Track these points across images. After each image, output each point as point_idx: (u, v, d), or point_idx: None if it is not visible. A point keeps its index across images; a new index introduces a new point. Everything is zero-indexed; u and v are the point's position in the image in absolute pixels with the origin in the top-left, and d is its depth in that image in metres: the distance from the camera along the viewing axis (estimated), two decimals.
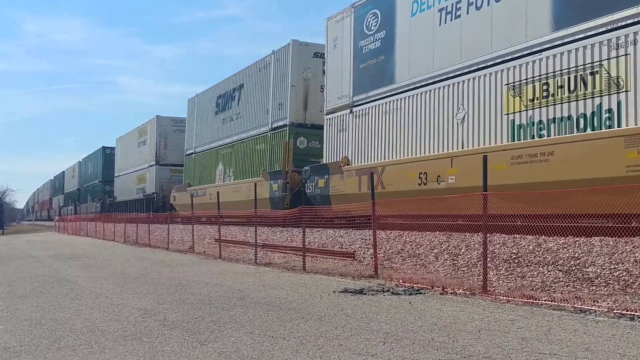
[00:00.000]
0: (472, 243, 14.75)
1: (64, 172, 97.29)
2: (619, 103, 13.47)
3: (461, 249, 14.89)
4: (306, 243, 17.58)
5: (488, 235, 11.92)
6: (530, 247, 13.47)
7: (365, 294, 11.28)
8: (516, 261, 13.11)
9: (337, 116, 23.78)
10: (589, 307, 9.19)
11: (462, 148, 17.53)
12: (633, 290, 10.34)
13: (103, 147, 68.45)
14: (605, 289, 10.64)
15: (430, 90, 18.97)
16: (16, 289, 13.19)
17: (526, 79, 15.56)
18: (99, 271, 17.01)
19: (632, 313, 8.65)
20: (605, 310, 8.98)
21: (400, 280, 12.89)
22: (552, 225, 13.80)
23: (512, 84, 15.98)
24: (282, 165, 27.33)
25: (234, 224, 27.39)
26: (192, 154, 41.18)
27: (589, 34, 14.05)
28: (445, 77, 18.34)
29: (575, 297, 10.05)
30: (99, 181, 68.24)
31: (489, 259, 11.90)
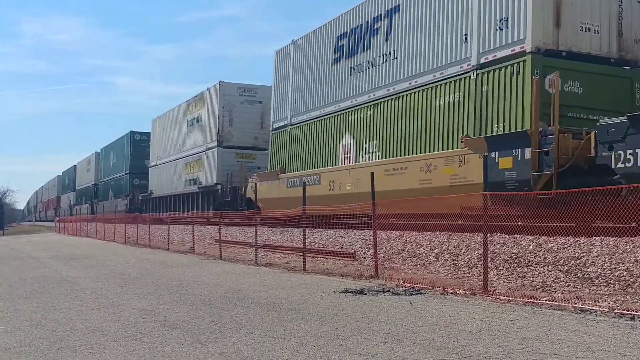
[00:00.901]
0: (473, 243, 14.74)
1: (75, 166, 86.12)
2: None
3: (462, 249, 14.89)
4: (307, 243, 17.58)
5: (488, 235, 11.92)
6: (531, 247, 13.46)
7: (365, 294, 11.27)
8: (517, 261, 13.10)
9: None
10: (590, 307, 9.18)
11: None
12: (634, 290, 10.33)
13: (131, 131, 57.42)
14: (606, 288, 10.64)
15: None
16: (16, 289, 13.18)
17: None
18: (99, 272, 17.01)
19: (633, 313, 8.65)
20: (606, 310, 8.98)
21: (401, 281, 12.89)
22: (553, 226, 13.80)
23: None
24: (524, 124, 16.29)
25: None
26: (283, 127, 29.58)
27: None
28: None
29: (576, 297, 10.05)
30: (126, 173, 57.35)
31: (489, 259, 11.90)
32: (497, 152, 16.21)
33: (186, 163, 42.03)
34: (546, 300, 9.91)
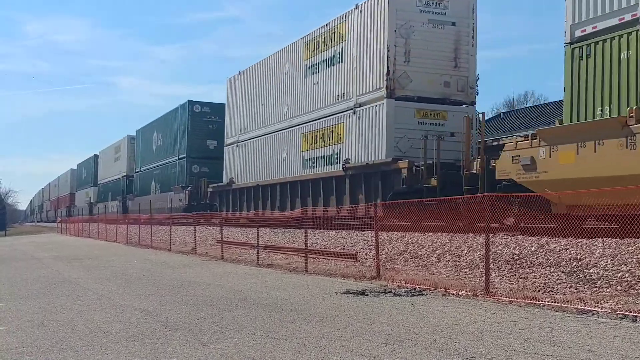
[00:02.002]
0: (475, 244, 14.73)
1: (96, 155, 72.09)
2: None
3: (463, 250, 14.88)
4: (308, 244, 17.59)
5: (490, 236, 11.91)
6: (533, 249, 13.45)
7: (367, 295, 11.27)
8: (518, 262, 13.09)
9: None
10: (592, 309, 9.17)
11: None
12: (636, 291, 10.32)
13: (189, 101, 42.45)
14: (608, 290, 10.62)
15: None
16: (18, 290, 13.20)
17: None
18: (101, 272, 17.02)
19: (635, 314, 8.63)
20: (608, 311, 8.96)
21: (403, 282, 12.88)
22: (555, 227, 13.78)
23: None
24: None
25: None
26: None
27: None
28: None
29: (578, 298, 10.04)
30: (181, 158, 42.79)
31: (491, 260, 11.89)
32: None
33: (306, 133, 26.70)
34: (548, 302, 9.90)
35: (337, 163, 24.10)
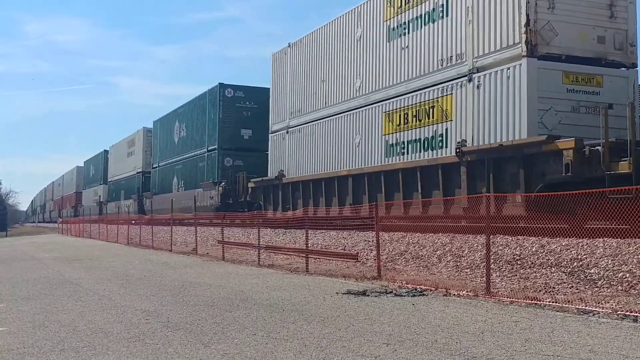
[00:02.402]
0: (475, 245, 14.73)
1: (106, 151, 67.07)
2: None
3: (464, 250, 14.88)
4: (309, 245, 17.59)
5: (491, 236, 11.91)
6: (534, 249, 13.45)
7: (368, 295, 11.27)
8: (519, 263, 13.09)
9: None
10: (593, 309, 9.17)
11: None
12: (636, 291, 10.32)
13: (220, 84, 36.23)
14: (609, 290, 10.62)
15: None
16: (19, 290, 13.20)
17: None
18: (102, 273, 17.03)
19: (636, 314, 8.63)
20: (609, 311, 8.96)
21: (404, 282, 12.89)
22: (556, 227, 13.78)
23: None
24: None
25: None
26: None
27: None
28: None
29: (579, 298, 10.04)
30: (211, 150, 36.99)
31: (492, 261, 11.89)
32: None
33: (390, 112, 21.13)
34: (549, 302, 9.90)
35: (442, 147, 18.59)
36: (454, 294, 11.18)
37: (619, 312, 8.85)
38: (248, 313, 9.57)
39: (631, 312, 8.79)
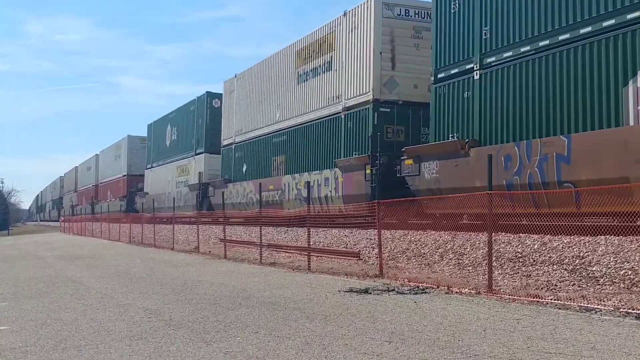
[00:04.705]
0: (477, 242, 14.73)
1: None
2: None
3: (466, 248, 14.88)
4: (311, 243, 17.59)
5: (493, 234, 11.90)
6: (535, 246, 13.45)
7: (370, 293, 11.27)
8: (521, 260, 13.09)
9: None
10: (595, 306, 9.17)
11: None
12: (638, 289, 10.31)
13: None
14: (611, 287, 10.62)
15: None
16: (22, 289, 13.22)
17: None
18: (104, 271, 17.05)
19: (638, 312, 8.63)
20: (611, 309, 8.96)
21: (406, 280, 12.89)
22: (558, 224, 13.78)
23: None
24: None
25: None
26: None
27: None
28: None
29: (581, 296, 10.03)
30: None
31: (494, 258, 11.88)
32: None
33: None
34: (551, 300, 9.89)
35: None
36: (456, 292, 11.18)
37: (621, 310, 8.84)
38: (250, 311, 9.58)
39: (633, 309, 8.79)
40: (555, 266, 12.22)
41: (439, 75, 19.38)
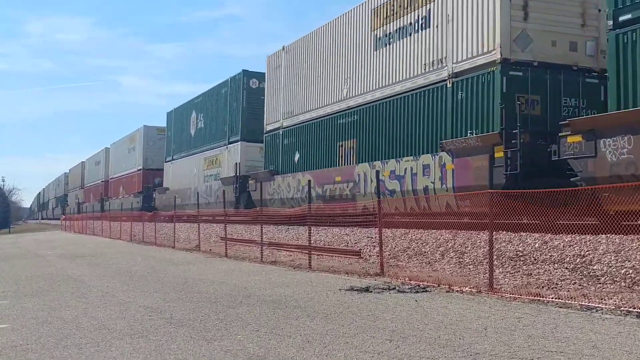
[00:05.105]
0: (478, 241, 14.73)
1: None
2: None
3: (467, 246, 14.88)
4: (312, 241, 17.59)
5: (494, 233, 11.90)
6: (536, 245, 13.45)
7: (371, 292, 11.27)
8: (522, 259, 13.09)
9: None
10: (596, 305, 9.16)
11: None
12: None
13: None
14: (612, 286, 10.62)
15: None
16: (23, 287, 13.22)
17: None
18: (105, 270, 17.05)
19: (639, 310, 8.63)
20: (612, 307, 8.96)
21: (406, 278, 12.88)
22: (559, 223, 13.77)
23: None
24: None
25: None
26: None
27: None
28: None
29: (582, 294, 10.03)
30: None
31: (495, 257, 11.88)
32: None
33: None
34: (552, 298, 9.89)
35: None
36: (457, 291, 11.17)
37: (622, 308, 8.84)
38: (251, 309, 9.58)
39: (634, 308, 8.78)
40: (556, 265, 12.22)
41: (622, 18, 14.18)
